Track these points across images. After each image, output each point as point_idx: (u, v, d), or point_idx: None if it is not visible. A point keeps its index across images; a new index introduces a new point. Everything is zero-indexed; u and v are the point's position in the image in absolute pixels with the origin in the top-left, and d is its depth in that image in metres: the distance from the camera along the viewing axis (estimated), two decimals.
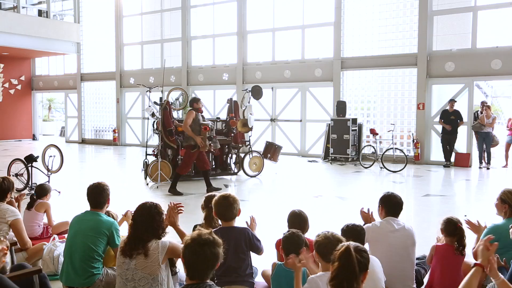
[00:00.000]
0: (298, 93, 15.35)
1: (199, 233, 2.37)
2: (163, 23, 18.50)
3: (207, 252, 2.29)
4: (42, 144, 17.17)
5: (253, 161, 10.83)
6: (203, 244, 2.31)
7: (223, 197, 3.54)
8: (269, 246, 3.88)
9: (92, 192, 3.67)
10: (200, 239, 2.33)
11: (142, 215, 3.16)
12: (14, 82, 21.83)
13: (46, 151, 9.68)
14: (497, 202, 3.69)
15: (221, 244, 2.39)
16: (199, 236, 2.34)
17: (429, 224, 6.13)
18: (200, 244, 2.31)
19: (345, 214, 6.86)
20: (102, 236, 3.50)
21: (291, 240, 3.15)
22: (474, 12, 12.29)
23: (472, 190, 9.77)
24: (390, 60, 13.48)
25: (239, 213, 3.59)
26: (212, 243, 2.33)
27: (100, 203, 3.67)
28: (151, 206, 3.20)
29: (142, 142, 18.49)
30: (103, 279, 3.53)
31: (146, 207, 3.20)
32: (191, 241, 2.34)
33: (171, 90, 11.62)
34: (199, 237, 2.34)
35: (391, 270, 3.28)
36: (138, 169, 11.02)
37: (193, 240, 2.34)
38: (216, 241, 2.37)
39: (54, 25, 18.91)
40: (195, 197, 8.20)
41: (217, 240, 2.38)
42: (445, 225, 3.50)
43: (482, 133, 11.89)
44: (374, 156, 12.33)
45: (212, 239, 2.35)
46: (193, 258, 2.31)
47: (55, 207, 5.65)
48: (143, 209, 3.19)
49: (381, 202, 3.68)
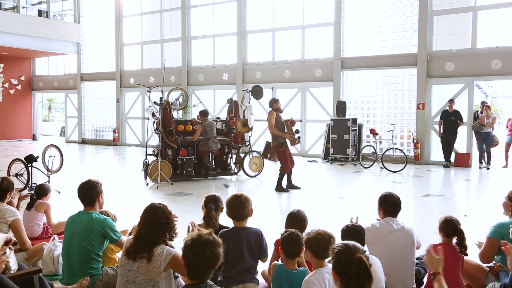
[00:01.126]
0: (298, 93, 15.35)
1: (199, 233, 2.37)
2: (163, 23, 18.51)
3: (207, 252, 2.29)
4: (42, 144, 17.18)
5: (253, 161, 10.83)
6: (203, 245, 2.30)
7: (235, 196, 3.54)
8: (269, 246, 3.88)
9: (82, 189, 3.64)
10: (201, 239, 2.32)
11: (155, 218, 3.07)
12: (14, 82, 21.84)
13: (46, 151, 9.68)
14: (505, 201, 3.68)
15: (221, 244, 2.39)
16: (199, 237, 2.34)
17: (429, 224, 6.12)
18: (200, 244, 2.31)
19: (345, 214, 6.86)
20: (96, 235, 3.48)
21: (290, 240, 3.15)
22: (474, 12, 12.30)
23: (472, 190, 9.77)
24: (390, 60, 13.48)
25: (251, 214, 3.57)
26: (212, 243, 2.33)
27: (90, 200, 3.62)
28: (162, 209, 3.12)
29: (142, 142, 18.49)
30: (102, 279, 3.53)
31: (158, 209, 3.10)
32: (191, 241, 2.34)
33: (171, 90, 11.63)
34: (199, 237, 2.34)
35: (391, 270, 3.28)
36: (138, 169, 11.02)
37: (193, 240, 2.34)
38: (216, 241, 2.36)
39: (54, 25, 18.92)
40: (195, 197, 8.20)
41: (217, 240, 2.37)
42: (444, 226, 3.48)
43: (482, 133, 11.89)
44: (374, 156, 12.33)
45: (212, 239, 2.34)
46: (193, 258, 2.31)
47: (55, 207, 5.65)
48: (156, 212, 3.09)
49: (379, 202, 3.68)
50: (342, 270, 2.15)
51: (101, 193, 3.69)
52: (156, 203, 3.18)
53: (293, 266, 3.16)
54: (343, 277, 2.15)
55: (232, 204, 3.51)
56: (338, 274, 2.17)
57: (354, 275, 2.11)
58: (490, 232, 3.50)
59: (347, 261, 2.14)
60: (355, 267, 2.12)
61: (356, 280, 2.11)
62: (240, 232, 3.46)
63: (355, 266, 2.12)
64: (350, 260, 2.13)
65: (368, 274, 2.12)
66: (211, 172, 10.40)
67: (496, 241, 3.40)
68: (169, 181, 9.51)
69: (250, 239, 3.44)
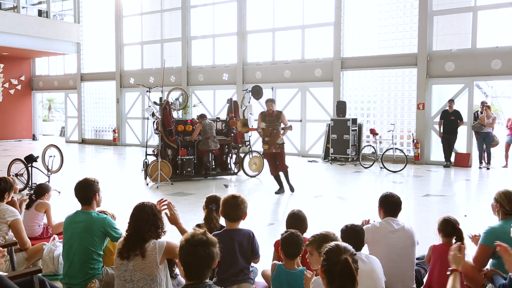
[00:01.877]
0: (298, 93, 15.35)
1: (193, 233, 2.37)
2: (163, 23, 18.50)
3: (201, 252, 2.29)
4: (42, 144, 17.18)
5: (253, 161, 10.83)
6: (196, 245, 2.30)
7: (232, 196, 3.52)
8: (269, 246, 3.88)
9: (79, 188, 3.63)
10: (193, 240, 2.32)
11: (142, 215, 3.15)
12: (14, 82, 21.84)
13: (46, 151, 9.68)
14: (492, 202, 3.69)
15: (215, 243, 2.38)
16: (192, 237, 2.34)
17: (429, 224, 6.11)
18: (193, 245, 2.31)
19: (345, 214, 6.86)
20: (97, 235, 3.49)
21: (290, 240, 3.15)
22: (474, 12, 12.29)
23: (472, 190, 9.77)
24: (390, 60, 13.48)
25: (245, 217, 3.54)
26: (205, 243, 2.32)
27: (87, 199, 3.61)
28: (150, 206, 3.20)
29: (142, 142, 18.49)
30: (102, 278, 3.53)
31: (145, 206, 3.19)
32: (185, 242, 2.34)
33: (171, 90, 11.62)
34: (192, 238, 2.34)
35: (391, 270, 3.28)
36: (138, 169, 11.02)
37: (186, 241, 2.34)
38: (210, 240, 2.35)
39: (54, 25, 18.92)
40: (195, 197, 8.20)
41: (211, 240, 2.36)
42: (442, 226, 3.48)
43: (482, 133, 11.88)
44: (374, 156, 12.33)
45: (205, 239, 2.33)
46: (188, 259, 2.31)
47: (55, 207, 5.64)
48: (143, 209, 3.18)
49: (380, 202, 3.69)
50: (328, 269, 2.19)
51: (98, 192, 3.67)
52: (145, 201, 3.25)
53: (292, 266, 3.15)
54: (328, 276, 2.18)
55: (227, 203, 3.49)
56: (324, 272, 2.21)
57: (338, 276, 2.14)
58: (482, 238, 3.50)
59: (334, 261, 2.18)
60: (339, 267, 2.15)
61: (339, 281, 2.14)
62: (232, 234, 3.43)
63: (339, 267, 2.15)
64: (336, 261, 2.17)
65: (352, 276, 2.14)
66: (211, 172, 10.40)
67: (489, 248, 3.41)
68: (169, 181, 9.51)
69: (242, 241, 3.42)
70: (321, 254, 2.29)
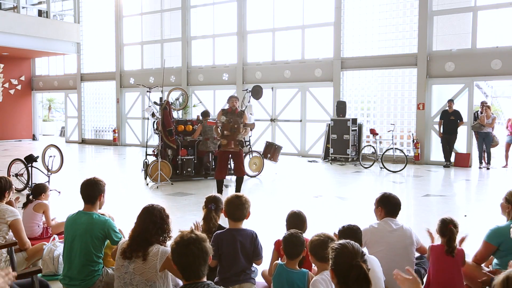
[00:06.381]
0: (298, 93, 15.35)
1: (181, 235, 2.38)
2: (163, 23, 18.50)
3: (194, 251, 2.30)
4: (42, 144, 17.17)
5: (253, 161, 10.83)
6: (187, 244, 2.31)
7: (236, 196, 3.52)
8: (269, 246, 3.88)
9: (85, 186, 3.62)
10: (184, 240, 2.33)
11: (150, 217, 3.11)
12: (14, 82, 21.84)
13: (46, 151, 9.68)
14: (502, 202, 3.68)
15: (206, 238, 2.39)
16: (181, 238, 2.35)
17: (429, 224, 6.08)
18: (185, 245, 2.32)
19: (345, 214, 6.87)
20: (98, 238, 3.48)
21: (291, 240, 3.15)
22: (474, 12, 12.29)
23: (472, 190, 9.77)
24: (390, 60, 13.48)
25: (248, 216, 3.55)
26: (196, 240, 2.33)
27: (92, 198, 3.59)
28: (159, 209, 3.17)
29: (142, 142, 18.49)
30: (102, 279, 3.53)
31: (154, 209, 3.15)
32: (176, 244, 2.35)
33: (171, 90, 11.62)
34: (182, 238, 2.35)
35: (391, 270, 3.26)
36: (138, 169, 11.02)
37: (177, 243, 2.35)
38: (200, 237, 2.37)
39: (54, 25, 18.92)
40: (195, 197, 8.20)
41: (201, 236, 2.38)
42: (439, 226, 3.48)
43: (482, 133, 11.89)
44: (374, 156, 12.33)
45: (195, 237, 2.35)
46: (183, 260, 2.32)
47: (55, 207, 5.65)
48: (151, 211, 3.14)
49: (381, 203, 3.68)
50: (341, 274, 2.19)
51: (103, 193, 3.67)
52: (155, 204, 3.22)
53: (294, 266, 3.16)
54: (341, 279, 2.19)
55: (231, 203, 3.49)
56: (336, 276, 2.22)
57: (354, 282, 2.16)
58: (487, 235, 3.51)
59: (347, 266, 2.18)
60: (354, 273, 2.16)
61: (356, 286, 2.17)
62: (235, 233, 3.44)
63: (354, 273, 2.16)
64: (349, 266, 2.17)
65: (367, 281, 2.16)
66: (211, 172, 10.40)
67: (491, 246, 3.43)
68: (169, 181, 9.51)
69: (245, 241, 3.42)
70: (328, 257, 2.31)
